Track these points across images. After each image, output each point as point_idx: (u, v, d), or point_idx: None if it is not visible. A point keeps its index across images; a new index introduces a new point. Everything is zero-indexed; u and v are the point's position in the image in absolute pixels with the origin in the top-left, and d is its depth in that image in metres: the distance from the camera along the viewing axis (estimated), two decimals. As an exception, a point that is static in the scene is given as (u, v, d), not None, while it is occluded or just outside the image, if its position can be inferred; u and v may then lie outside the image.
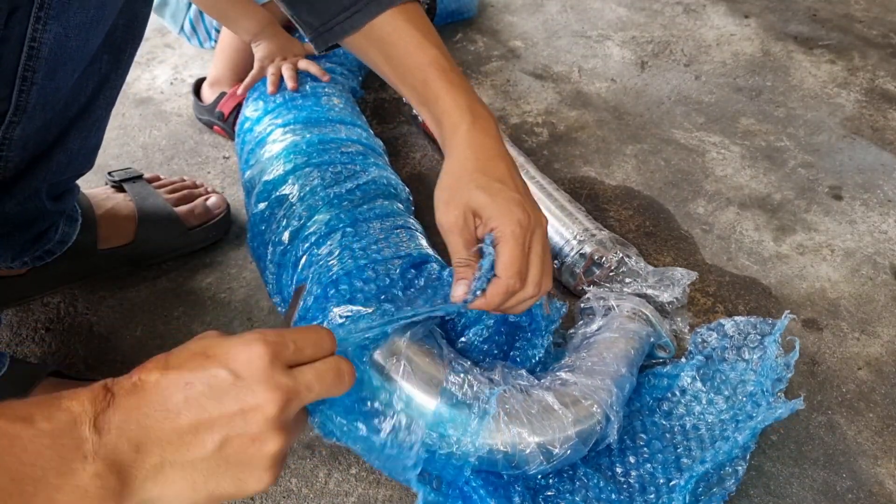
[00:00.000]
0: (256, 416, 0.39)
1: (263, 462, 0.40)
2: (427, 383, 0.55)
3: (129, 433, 0.37)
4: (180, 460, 0.38)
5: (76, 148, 0.66)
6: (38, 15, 0.51)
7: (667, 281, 0.76)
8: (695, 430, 0.67)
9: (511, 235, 0.54)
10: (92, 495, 0.36)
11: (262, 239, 0.75)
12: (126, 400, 0.38)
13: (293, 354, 0.43)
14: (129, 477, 0.37)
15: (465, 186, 0.56)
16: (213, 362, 0.40)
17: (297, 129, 0.82)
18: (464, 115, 0.59)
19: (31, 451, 0.34)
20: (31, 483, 0.34)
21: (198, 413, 0.38)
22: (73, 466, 0.35)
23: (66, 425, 0.36)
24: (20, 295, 0.80)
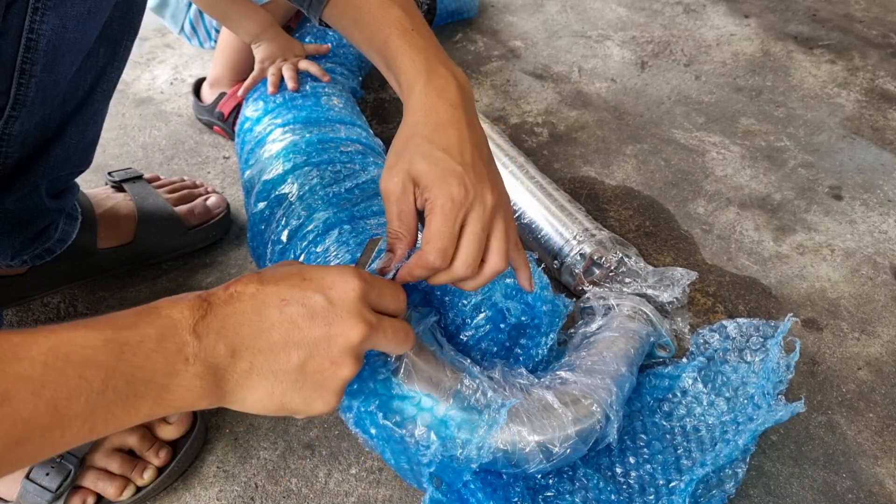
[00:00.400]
0: (340, 341, 0.43)
1: (335, 385, 0.44)
2: (428, 382, 0.55)
3: (226, 339, 0.41)
4: (266, 369, 0.42)
5: (74, 142, 0.66)
6: (36, 6, 0.51)
7: (667, 281, 0.76)
8: (695, 432, 0.67)
9: (440, 209, 0.51)
10: (194, 393, 0.40)
11: (262, 238, 0.75)
12: (223, 308, 0.42)
13: (377, 297, 0.46)
14: (223, 379, 0.41)
15: (410, 152, 0.53)
16: (309, 284, 0.43)
17: (297, 129, 0.82)
18: (418, 76, 0.56)
19: (140, 356, 0.38)
20: (142, 384, 0.38)
21: (289, 329, 0.42)
22: (176, 368, 0.39)
23: (169, 330, 0.39)
24: (20, 295, 0.80)
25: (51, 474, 0.61)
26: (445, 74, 0.56)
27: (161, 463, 0.65)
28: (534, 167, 0.91)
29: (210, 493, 0.66)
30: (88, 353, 0.36)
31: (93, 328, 0.38)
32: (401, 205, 0.53)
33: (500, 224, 0.54)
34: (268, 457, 0.68)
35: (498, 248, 0.53)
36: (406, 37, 0.58)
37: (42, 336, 0.36)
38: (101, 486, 0.63)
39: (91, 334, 0.37)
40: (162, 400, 0.39)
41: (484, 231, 0.53)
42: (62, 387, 0.35)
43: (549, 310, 0.67)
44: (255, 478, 0.67)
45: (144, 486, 0.64)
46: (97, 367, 0.36)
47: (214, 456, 0.69)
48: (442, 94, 0.55)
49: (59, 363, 0.35)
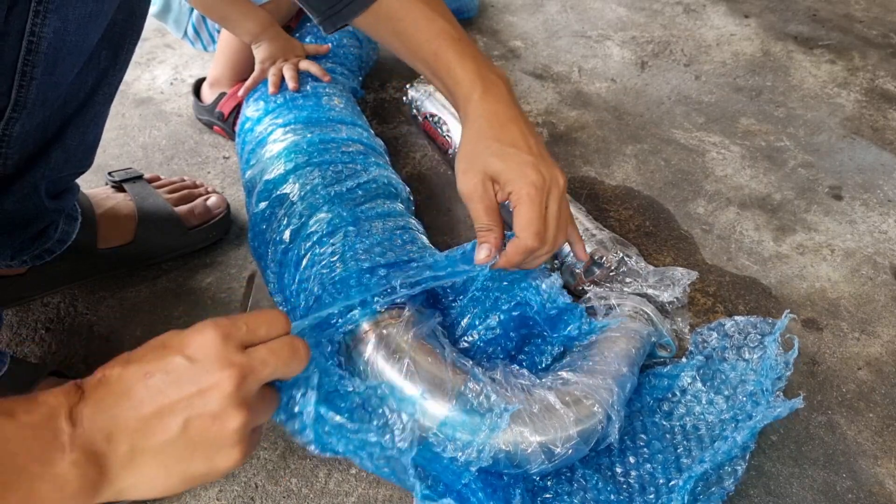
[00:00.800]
0: (214, 394, 0.41)
1: (228, 438, 0.41)
2: (430, 383, 0.55)
3: (100, 424, 0.39)
4: (149, 446, 0.40)
5: (74, 144, 0.66)
6: (38, 9, 0.51)
7: (667, 281, 0.76)
8: (695, 431, 0.67)
9: (527, 197, 0.57)
10: (71, 484, 0.37)
11: (264, 238, 0.75)
12: (94, 393, 0.40)
13: (246, 335, 0.44)
14: (105, 466, 0.39)
15: (481, 154, 0.59)
16: (168, 351, 0.42)
17: (298, 129, 0.82)
18: (475, 84, 0.61)
19: (14, 442, 0.36)
20: (14, 472, 0.36)
21: (159, 399, 0.40)
22: (52, 456, 0.37)
23: (45, 418, 0.38)
24: (20, 295, 0.80)
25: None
26: (496, 80, 0.62)
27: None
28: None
29: (210, 493, 0.66)
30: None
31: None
32: (485, 201, 0.59)
33: (565, 202, 0.61)
34: (268, 457, 0.68)
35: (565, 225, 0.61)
36: (455, 47, 0.62)
37: None
38: None
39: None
40: (34, 491, 0.37)
41: (562, 210, 0.60)
42: None
43: (563, 310, 0.67)
44: (255, 478, 0.67)
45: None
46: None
47: (214, 456, 0.68)
48: (498, 98, 0.61)
49: None
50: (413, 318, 0.59)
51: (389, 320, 0.59)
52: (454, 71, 0.62)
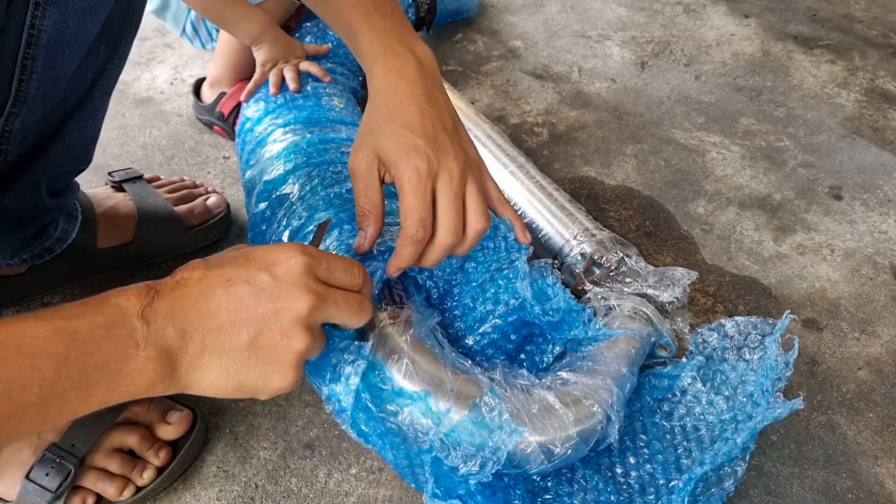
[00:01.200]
0: (288, 314, 0.43)
1: (289, 358, 0.44)
2: (429, 383, 0.55)
3: (175, 322, 0.41)
4: (218, 348, 0.42)
5: (73, 139, 0.66)
6: (38, 2, 0.50)
7: (667, 281, 0.76)
8: (695, 431, 0.67)
9: (407, 182, 0.53)
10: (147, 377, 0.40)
11: (264, 239, 0.75)
12: (170, 294, 0.42)
13: (325, 271, 0.47)
14: (176, 361, 0.42)
15: (373, 132, 0.55)
16: (253, 263, 0.44)
17: (298, 130, 0.82)
18: (377, 58, 0.58)
19: (90, 343, 0.38)
20: (94, 370, 0.38)
21: (237, 307, 0.43)
22: (128, 353, 0.40)
23: (117, 317, 0.40)
24: (20, 294, 0.80)
25: (50, 474, 0.61)
26: (403, 52, 0.58)
27: (161, 463, 0.65)
28: (534, 167, 0.91)
29: (210, 493, 0.66)
30: (38, 344, 0.37)
31: (41, 319, 0.38)
32: (366, 181, 0.55)
33: (472, 186, 0.55)
34: (268, 457, 0.68)
35: (475, 209, 0.55)
36: (367, 18, 0.59)
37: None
38: (100, 487, 0.63)
39: (39, 325, 0.37)
40: (116, 386, 0.39)
41: (457, 196, 0.54)
42: (15, 377, 0.36)
43: (566, 312, 0.67)
44: (255, 478, 0.67)
45: (144, 486, 0.64)
46: (48, 356, 0.37)
47: (214, 456, 0.69)
48: (400, 73, 0.57)
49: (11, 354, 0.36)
50: (412, 317, 0.59)
51: (388, 320, 0.59)
52: (361, 42, 0.59)
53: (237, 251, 0.46)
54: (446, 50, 1.32)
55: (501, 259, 0.66)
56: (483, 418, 0.55)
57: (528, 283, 0.65)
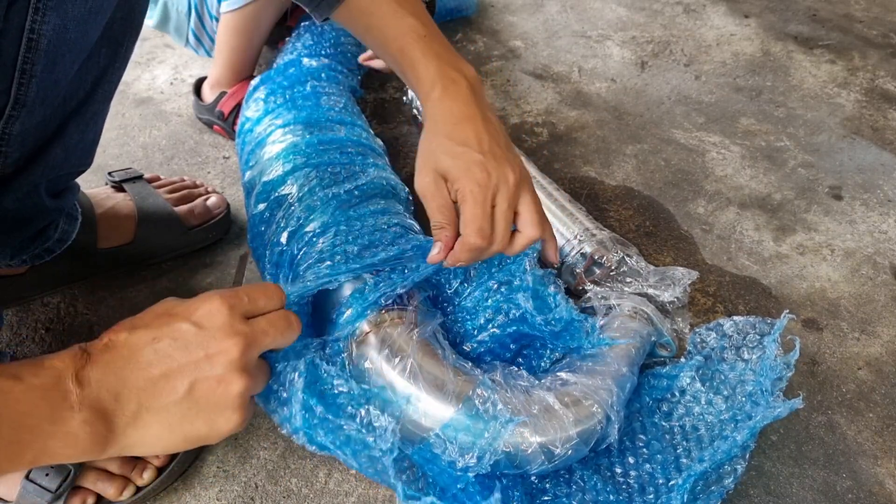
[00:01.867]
0: (221, 359, 0.44)
1: (231, 402, 0.45)
2: (432, 384, 0.55)
3: (108, 385, 0.42)
4: (155, 405, 0.43)
5: (74, 142, 0.66)
6: (37, 6, 0.50)
7: (668, 280, 0.76)
8: (694, 431, 0.67)
9: (470, 195, 0.57)
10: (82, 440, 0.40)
11: (263, 240, 0.75)
12: (101, 357, 0.42)
13: (248, 305, 0.47)
14: (113, 423, 0.42)
15: (434, 152, 0.60)
16: (176, 318, 0.45)
17: (297, 130, 0.82)
18: (435, 83, 0.62)
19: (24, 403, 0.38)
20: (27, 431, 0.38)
21: (167, 362, 0.43)
22: (63, 415, 0.40)
23: (53, 380, 0.40)
24: (20, 295, 0.80)
25: (50, 475, 0.61)
26: (457, 77, 0.62)
27: (161, 463, 0.65)
28: (534, 167, 0.91)
29: (210, 493, 0.66)
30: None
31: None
32: (437, 199, 0.59)
33: (525, 198, 0.60)
34: (268, 457, 0.68)
35: (529, 220, 0.60)
36: (420, 45, 0.63)
37: None
38: (100, 487, 0.63)
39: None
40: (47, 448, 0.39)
41: (511, 207, 0.59)
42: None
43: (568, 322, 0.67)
44: (255, 478, 0.67)
45: (144, 486, 0.64)
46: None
47: (214, 456, 0.69)
48: (456, 96, 0.62)
49: None
50: (415, 318, 0.59)
51: (392, 321, 0.59)
52: (417, 69, 0.63)
53: (161, 307, 0.47)
54: (446, 50, 1.32)
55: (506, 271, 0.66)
56: (477, 410, 0.55)
57: (530, 294, 0.65)
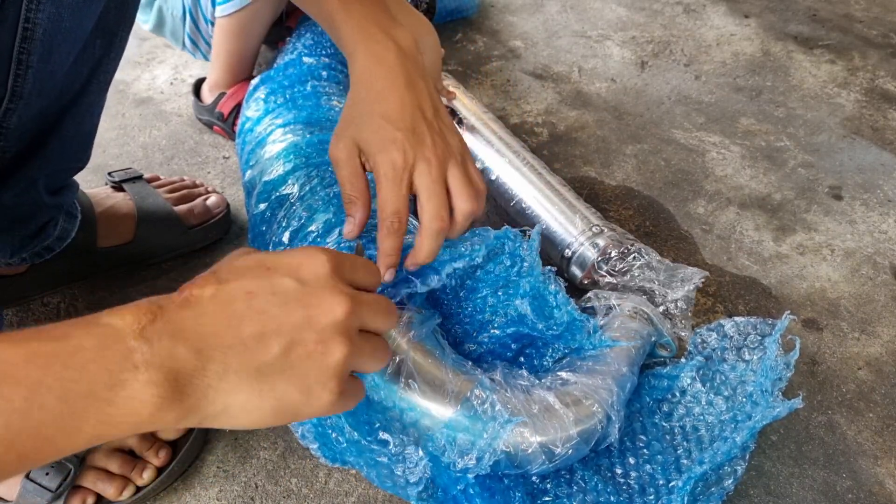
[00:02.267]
0: (322, 320, 0.39)
1: (329, 370, 0.39)
2: (430, 384, 0.55)
3: (187, 340, 0.36)
4: (245, 367, 0.37)
5: (70, 134, 0.66)
6: None
7: (677, 279, 0.75)
8: (694, 431, 0.67)
9: (383, 176, 0.53)
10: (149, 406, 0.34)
11: (264, 240, 0.75)
12: (178, 312, 0.37)
13: (350, 272, 0.43)
14: (189, 385, 0.35)
15: (354, 122, 0.55)
16: (274, 272, 0.40)
17: (298, 130, 0.82)
18: (357, 45, 0.57)
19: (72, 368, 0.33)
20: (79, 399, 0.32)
21: (262, 319, 0.38)
22: (122, 377, 0.33)
23: (109, 338, 0.34)
24: (20, 294, 0.80)
25: (50, 474, 0.61)
26: (382, 39, 0.56)
27: (161, 463, 0.65)
28: (540, 163, 0.91)
29: (210, 493, 0.66)
30: (5, 369, 0.31)
31: (12, 342, 0.33)
32: (350, 169, 0.55)
33: (454, 171, 0.54)
34: (268, 457, 0.68)
35: (459, 192, 0.54)
36: (345, 5, 0.58)
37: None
38: (100, 486, 0.63)
39: (9, 348, 0.32)
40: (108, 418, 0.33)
41: (436, 182, 0.53)
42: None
43: (569, 323, 0.67)
44: (255, 478, 0.67)
45: (144, 486, 0.64)
46: (16, 383, 0.31)
47: (214, 456, 0.69)
48: (380, 60, 0.56)
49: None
50: (413, 318, 0.59)
51: None
52: (341, 31, 0.58)
53: (249, 258, 0.41)
54: (446, 50, 1.32)
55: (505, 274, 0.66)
56: (475, 411, 0.55)
57: (529, 299, 0.65)
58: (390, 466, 0.54)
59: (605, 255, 0.78)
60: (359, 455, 0.54)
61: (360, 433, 0.54)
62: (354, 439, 0.53)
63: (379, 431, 0.54)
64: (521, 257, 0.64)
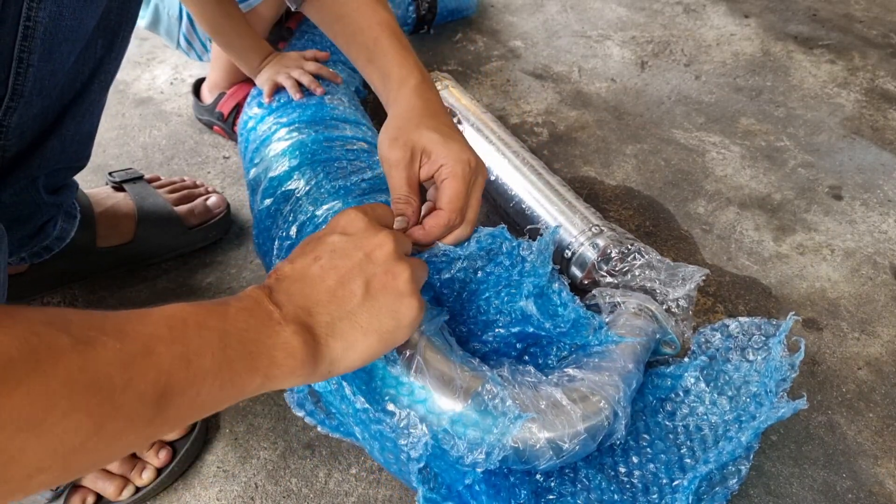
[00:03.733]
0: (379, 253, 0.48)
1: (405, 288, 0.47)
2: (440, 380, 0.55)
3: (298, 303, 0.44)
4: (343, 312, 0.45)
5: (70, 133, 0.66)
6: None
7: (678, 278, 0.75)
8: (698, 431, 0.67)
9: (461, 173, 0.58)
10: (299, 349, 0.42)
11: (269, 234, 0.75)
12: (279, 286, 0.45)
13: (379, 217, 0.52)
14: (315, 335, 0.44)
15: (416, 127, 0.60)
16: (323, 237, 0.49)
17: (303, 128, 0.82)
18: (412, 71, 0.64)
19: (240, 321, 0.41)
20: (252, 343, 0.40)
21: (336, 272, 0.46)
22: (274, 328, 0.42)
23: (254, 303, 0.43)
24: (20, 294, 0.80)
25: (51, 474, 0.61)
26: (427, 75, 0.66)
27: (161, 464, 0.65)
28: (541, 164, 0.91)
29: (210, 493, 0.66)
30: (200, 319, 0.39)
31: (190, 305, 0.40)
32: (409, 171, 0.60)
33: (478, 194, 0.63)
34: (268, 457, 0.68)
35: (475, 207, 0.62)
36: (396, 37, 0.66)
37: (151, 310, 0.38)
38: (100, 485, 0.63)
39: (192, 307, 0.40)
40: (274, 360, 0.41)
41: (479, 199, 0.62)
42: (189, 343, 0.38)
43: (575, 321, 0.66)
44: (255, 478, 0.67)
45: (143, 486, 0.64)
46: (211, 329, 0.39)
47: (214, 456, 0.68)
48: (433, 89, 0.65)
49: (180, 325, 0.38)
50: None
51: None
52: (394, 57, 0.65)
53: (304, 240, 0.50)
54: (446, 50, 1.32)
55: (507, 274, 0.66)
56: (486, 406, 0.55)
57: (533, 298, 0.64)
58: (394, 439, 0.54)
59: (605, 256, 0.78)
60: (364, 426, 0.54)
61: (370, 402, 0.54)
62: (363, 407, 0.54)
63: (387, 402, 0.55)
64: (523, 258, 0.64)
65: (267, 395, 0.73)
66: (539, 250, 0.64)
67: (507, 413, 0.55)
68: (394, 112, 0.63)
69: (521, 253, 0.64)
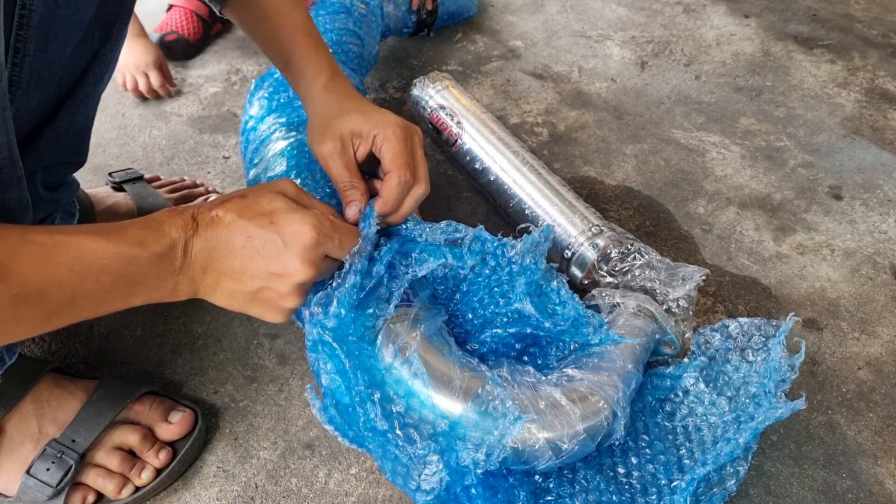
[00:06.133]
0: (289, 281, 0.52)
1: (282, 311, 0.55)
2: (438, 380, 0.55)
3: (201, 260, 0.51)
4: (228, 287, 0.53)
5: (65, 126, 0.66)
6: None
7: (678, 277, 0.75)
8: (697, 431, 0.67)
9: (393, 135, 0.61)
10: (174, 294, 0.52)
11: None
12: (205, 231, 0.51)
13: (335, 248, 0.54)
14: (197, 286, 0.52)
15: (338, 116, 0.63)
16: (273, 228, 0.52)
17: (302, 128, 0.82)
18: (323, 69, 0.67)
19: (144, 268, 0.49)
20: (139, 286, 0.49)
21: (249, 261, 0.52)
22: (166, 277, 0.50)
23: (168, 249, 0.50)
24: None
25: (51, 469, 0.61)
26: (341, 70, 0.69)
27: (160, 464, 0.65)
28: (540, 163, 0.91)
29: (210, 493, 0.66)
30: (104, 264, 0.46)
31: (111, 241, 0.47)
32: (345, 158, 0.62)
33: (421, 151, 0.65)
34: (268, 457, 0.68)
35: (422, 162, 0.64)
36: (312, 39, 0.69)
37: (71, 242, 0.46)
38: (100, 483, 0.63)
39: (109, 247, 0.47)
40: (150, 297, 0.50)
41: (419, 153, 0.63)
42: (81, 288, 0.46)
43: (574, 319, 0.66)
44: (255, 478, 0.67)
45: (143, 486, 0.64)
46: (109, 273, 0.47)
47: (214, 456, 0.69)
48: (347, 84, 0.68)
49: (82, 269, 0.45)
50: (420, 315, 0.59)
51: (396, 317, 0.59)
52: (308, 57, 0.68)
53: (274, 201, 0.53)
54: (446, 50, 1.32)
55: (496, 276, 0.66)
56: (486, 407, 0.55)
57: (531, 300, 0.64)
58: (408, 466, 0.54)
59: (605, 256, 0.78)
60: (381, 446, 0.54)
61: (389, 424, 0.54)
62: (382, 430, 0.54)
63: (409, 428, 0.55)
64: (510, 259, 0.64)
65: (267, 395, 0.73)
66: (526, 249, 0.63)
67: (507, 414, 0.55)
68: (312, 110, 0.66)
69: (508, 254, 0.64)
